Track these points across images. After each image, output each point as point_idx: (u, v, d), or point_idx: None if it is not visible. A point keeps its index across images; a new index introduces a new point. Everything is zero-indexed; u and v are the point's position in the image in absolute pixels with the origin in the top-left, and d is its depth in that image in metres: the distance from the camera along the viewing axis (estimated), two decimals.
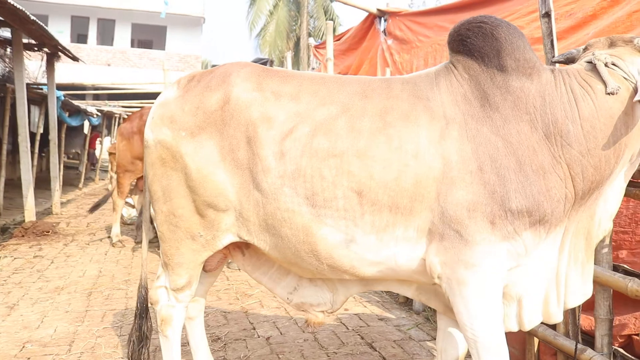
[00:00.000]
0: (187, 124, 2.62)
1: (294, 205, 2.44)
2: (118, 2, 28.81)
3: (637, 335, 3.04)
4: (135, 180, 7.95)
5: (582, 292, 2.53)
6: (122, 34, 30.13)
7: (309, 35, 27.28)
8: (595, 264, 2.95)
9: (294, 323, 4.57)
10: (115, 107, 19.67)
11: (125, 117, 14.97)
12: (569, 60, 2.74)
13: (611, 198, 2.51)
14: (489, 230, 2.28)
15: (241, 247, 2.93)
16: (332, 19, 28.27)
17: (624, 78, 2.38)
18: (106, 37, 30.15)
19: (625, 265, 3.05)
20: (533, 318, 2.52)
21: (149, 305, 3.06)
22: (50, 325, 4.45)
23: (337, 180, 2.38)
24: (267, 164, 2.47)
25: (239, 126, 2.54)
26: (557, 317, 2.54)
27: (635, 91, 2.33)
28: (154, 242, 7.46)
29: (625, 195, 2.70)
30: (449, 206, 2.30)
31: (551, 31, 3.32)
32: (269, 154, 2.47)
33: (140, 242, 7.44)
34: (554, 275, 2.48)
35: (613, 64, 2.42)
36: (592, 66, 2.45)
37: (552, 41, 3.32)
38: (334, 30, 25.58)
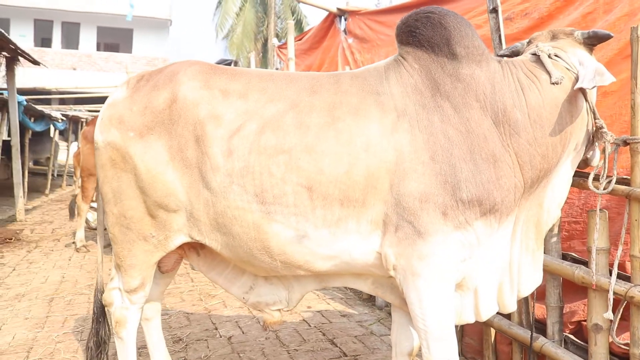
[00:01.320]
0: (135, 124, 2.59)
1: (244, 203, 2.42)
2: (82, 5, 28.37)
3: (585, 321, 3.11)
4: None
5: (533, 279, 2.59)
6: (88, 37, 29.70)
7: (277, 36, 27.21)
8: (545, 252, 3.03)
9: (256, 322, 4.57)
10: (81, 111, 19.37)
11: None
12: (514, 53, 2.83)
13: (559, 186, 2.58)
14: (441, 221, 2.29)
15: (196, 247, 2.91)
16: (299, 19, 28.27)
17: (567, 69, 2.47)
18: (71, 40, 29.66)
19: (573, 254, 3.12)
20: (489, 308, 2.55)
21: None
22: (9, 332, 4.38)
23: (286, 177, 2.37)
24: (215, 162, 2.45)
25: (187, 125, 2.51)
26: (512, 306, 2.59)
27: (576, 80, 2.40)
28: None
29: (572, 185, 2.78)
30: (402, 198, 2.30)
31: (499, 26, 3.38)
32: (217, 152, 2.45)
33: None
34: (507, 265, 2.52)
35: (556, 55, 2.50)
36: (537, 58, 2.53)
37: (499, 36, 3.38)
38: (302, 29, 25.61)
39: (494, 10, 3.37)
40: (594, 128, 2.51)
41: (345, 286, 2.84)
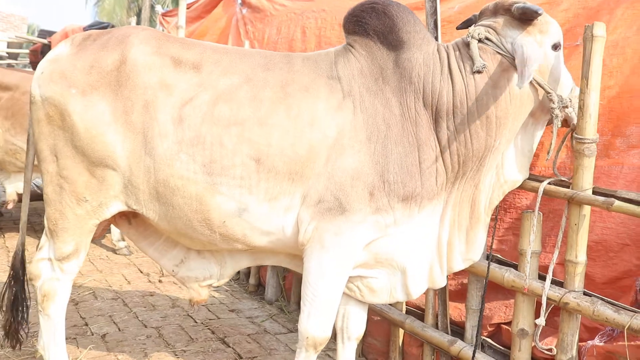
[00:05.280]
0: (78, 81, 2.56)
1: (189, 173, 2.46)
2: None
3: (505, 324, 2.99)
4: None
5: (467, 257, 2.65)
6: None
7: (151, 7, 25.62)
8: None
9: (135, 317, 4.03)
10: None
11: None
12: (469, 25, 2.77)
13: (507, 165, 2.61)
14: (366, 201, 2.41)
15: (128, 215, 2.89)
16: None
17: (497, 52, 2.47)
18: None
19: (498, 255, 2.98)
20: (418, 287, 2.66)
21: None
22: None
23: (237, 148, 2.43)
24: (164, 129, 2.47)
25: (135, 89, 2.52)
26: (441, 283, 2.70)
27: (509, 64, 2.43)
28: None
29: None
30: (336, 172, 2.41)
31: (435, 10, 3.20)
32: (167, 119, 2.47)
33: None
34: (435, 245, 2.61)
35: (487, 39, 2.51)
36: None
37: (435, 20, 3.20)
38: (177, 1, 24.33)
39: None
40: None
41: (279, 265, 2.90)
